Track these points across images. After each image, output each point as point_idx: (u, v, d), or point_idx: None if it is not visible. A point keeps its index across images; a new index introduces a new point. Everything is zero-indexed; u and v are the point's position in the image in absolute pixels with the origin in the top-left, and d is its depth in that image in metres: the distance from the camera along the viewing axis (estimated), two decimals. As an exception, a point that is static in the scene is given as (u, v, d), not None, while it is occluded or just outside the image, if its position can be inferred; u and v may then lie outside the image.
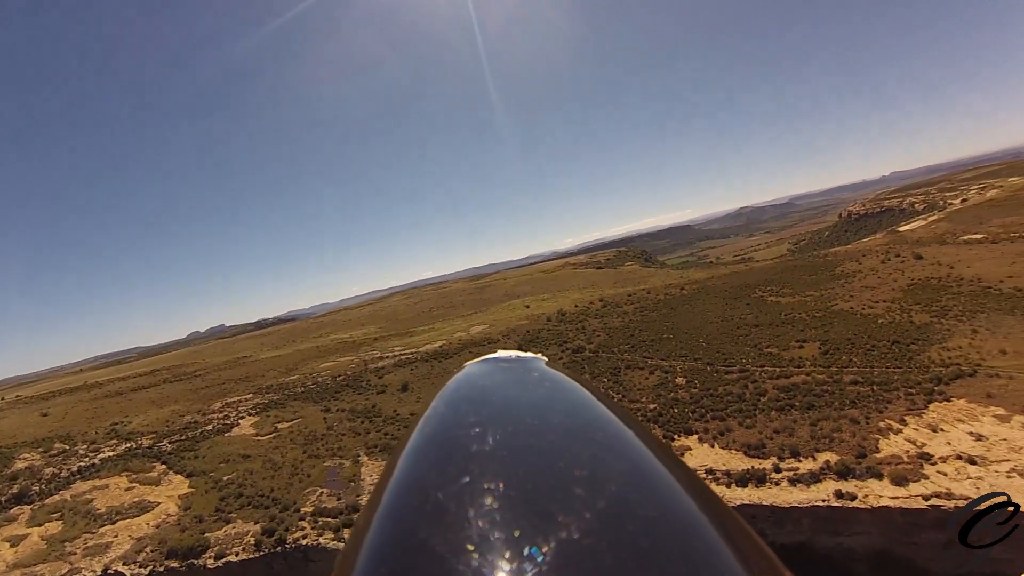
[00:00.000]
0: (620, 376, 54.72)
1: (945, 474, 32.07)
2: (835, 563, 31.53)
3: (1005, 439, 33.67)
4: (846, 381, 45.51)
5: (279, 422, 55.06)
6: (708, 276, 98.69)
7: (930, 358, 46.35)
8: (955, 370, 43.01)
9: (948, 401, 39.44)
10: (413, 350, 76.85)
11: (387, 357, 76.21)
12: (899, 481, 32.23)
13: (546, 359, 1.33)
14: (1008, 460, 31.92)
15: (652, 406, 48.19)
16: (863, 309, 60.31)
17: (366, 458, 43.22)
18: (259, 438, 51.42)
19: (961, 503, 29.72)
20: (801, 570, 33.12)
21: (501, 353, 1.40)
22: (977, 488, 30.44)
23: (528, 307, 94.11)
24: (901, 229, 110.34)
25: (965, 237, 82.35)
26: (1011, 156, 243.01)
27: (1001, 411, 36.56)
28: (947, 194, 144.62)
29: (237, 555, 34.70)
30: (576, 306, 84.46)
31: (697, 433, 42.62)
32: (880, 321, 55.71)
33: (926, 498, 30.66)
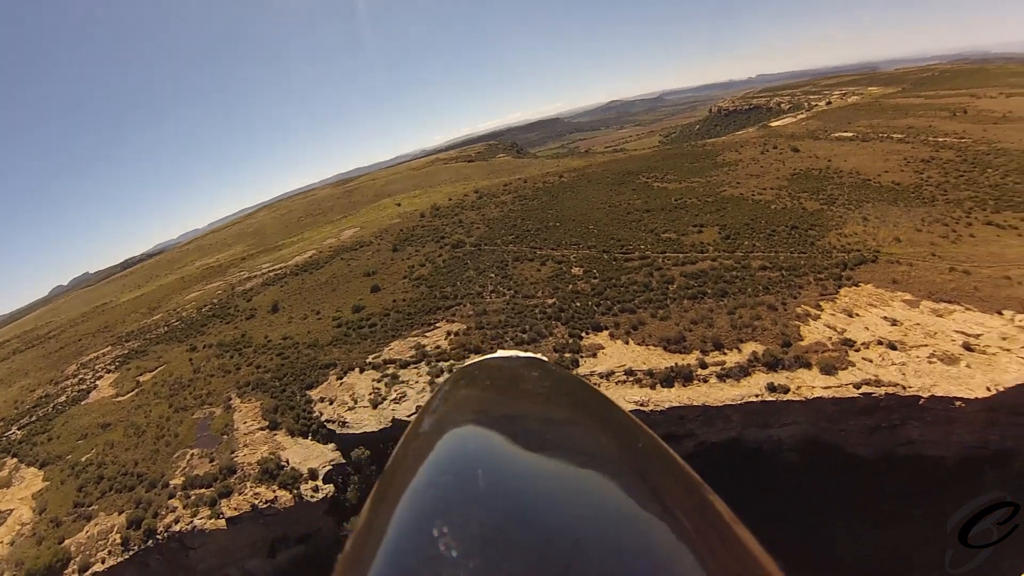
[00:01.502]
0: (509, 270, 51.52)
1: (870, 360, 32.86)
2: (764, 455, 31.42)
3: (918, 324, 35.54)
4: (755, 267, 45.72)
5: (141, 374, 51.58)
6: (586, 164, 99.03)
7: (830, 243, 48.59)
8: (857, 256, 45.20)
9: (857, 286, 41.11)
10: (282, 265, 75.24)
11: (255, 276, 74.20)
12: (828, 370, 32.31)
13: (545, 359, 1.42)
14: (926, 345, 33.59)
15: (551, 301, 44.60)
16: (753, 195, 63.37)
17: (238, 400, 40.13)
18: (119, 399, 47.67)
19: (890, 390, 30.58)
20: (730, 465, 33.64)
21: (501, 353, 1.46)
22: (903, 374, 31.55)
23: (399, 205, 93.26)
24: (773, 124, 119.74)
25: (836, 134, 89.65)
26: (867, 69, 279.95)
27: (908, 296, 38.76)
28: (811, 97, 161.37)
29: (103, 561, 29.50)
30: (450, 200, 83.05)
31: (607, 329, 39.64)
32: (773, 207, 58.71)
33: (856, 386, 31.07)
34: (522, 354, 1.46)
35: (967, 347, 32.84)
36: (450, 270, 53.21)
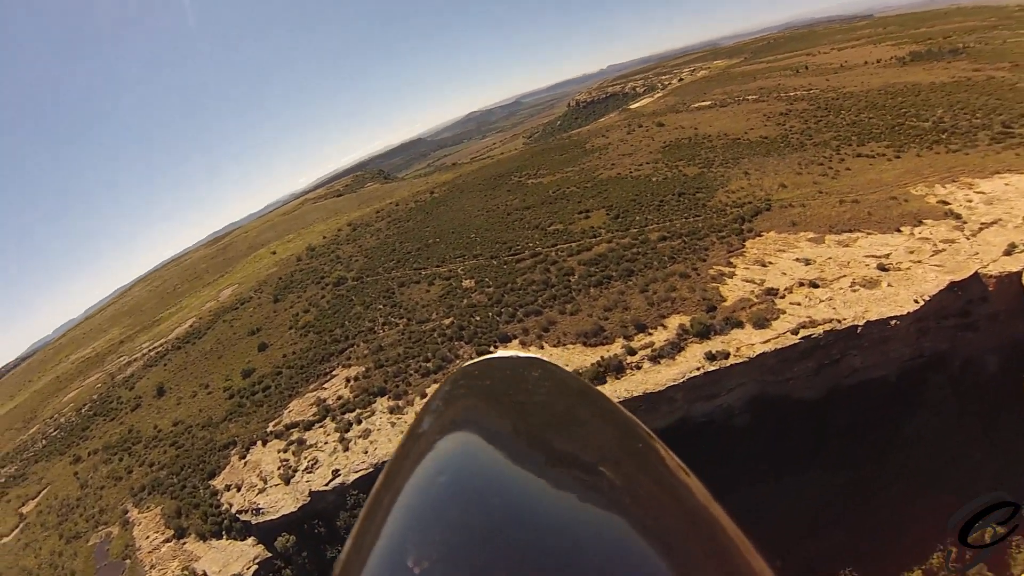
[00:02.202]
0: (396, 297, 48.29)
1: (799, 303, 31.87)
2: (717, 426, 29.34)
3: (830, 257, 35.44)
4: (654, 239, 44.60)
5: (23, 504, 46.27)
6: (455, 176, 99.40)
7: (721, 202, 48.99)
8: (751, 208, 45.52)
9: (760, 236, 40.95)
10: (162, 341, 72.23)
11: (136, 359, 70.45)
12: (761, 324, 30.82)
13: (545, 359, 1.46)
14: (844, 276, 33.30)
15: (448, 321, 41.09)
16: (631, 173, 64.50)
17: (136, 511, 36.31)
18: (3, 541, 42.44)
19: (827, 327, 29.59)
20: (682, 446, 31.22)
21: (501, 353, 1.53)
22: (834, 309, 30.73)
23: (275, 253, 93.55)
24: (632, 107, 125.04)
25: (695, 105, 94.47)
26: (709, 46, 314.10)
27: (811, 234, 39.01)
28: (663, 77, 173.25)
29: None
30: (324, 237, 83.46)
31: (516, 337, 36.41)
32: (654, 180, 59.72)
33: (794, 332, 29.87)
34: (522, 354, 1.48)
35: (882, 268, 33.18)
36: (336, 310, 50.97)
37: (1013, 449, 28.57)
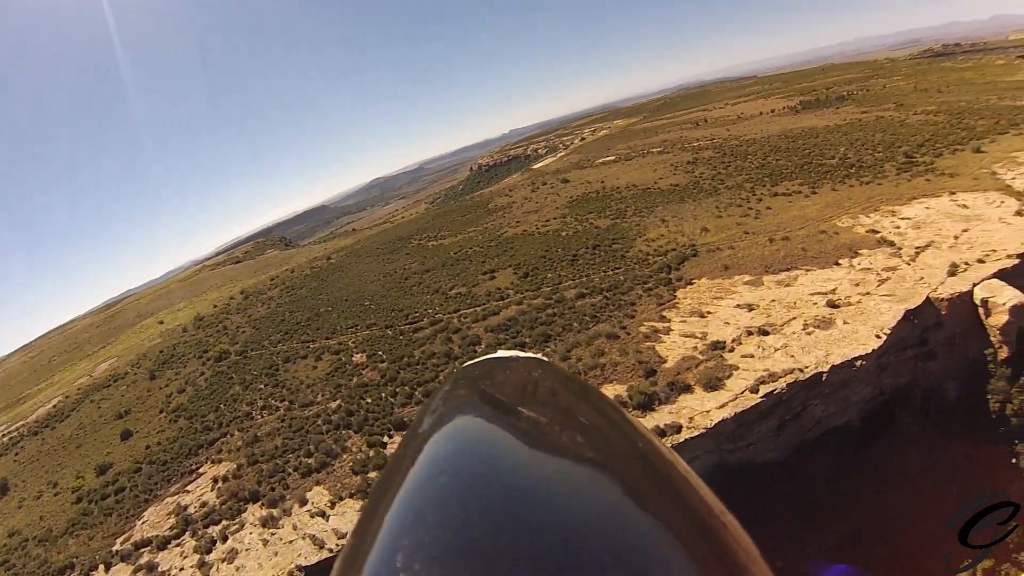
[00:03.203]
0: (280, 375, 44.68)
1: (751, 355, 28.53)
2: None
3: (774, 299, 32.96)
4: (570, 297, 41.16)
5: None
6: (354, 241, 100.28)
7: (641, 251, 46.94)
8: (676, 255, 43.31)
9: (691, 284, 38.31)
10: (21, 423, 66.75)
11: None
12: (712, 385, 27.01)
13: (546, 359, 1.54)
14: (794, 318, 30.65)
15: (335, 404, 36.39)
16: (538, 229, 63.27)
17: None
18: None
19: (788, 379, 26.27)
20: None
21: (501, 353, 1.60)
22: (792, 357, 27.59)
23: (162, 323, 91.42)
24: (536, 167, 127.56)
25: (600, 161, 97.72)
26: (608, 108, 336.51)
27: (747, 277, 36.77)
28: (565, 138, 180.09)
29: None
30: (215, 307, 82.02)
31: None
32: (564, 234, 58.27)
33: (754, 389, 26.24)
34: (522, 354, 1.54)
35: (832, 305, 31.31)
36: (213, 390, 47.73)
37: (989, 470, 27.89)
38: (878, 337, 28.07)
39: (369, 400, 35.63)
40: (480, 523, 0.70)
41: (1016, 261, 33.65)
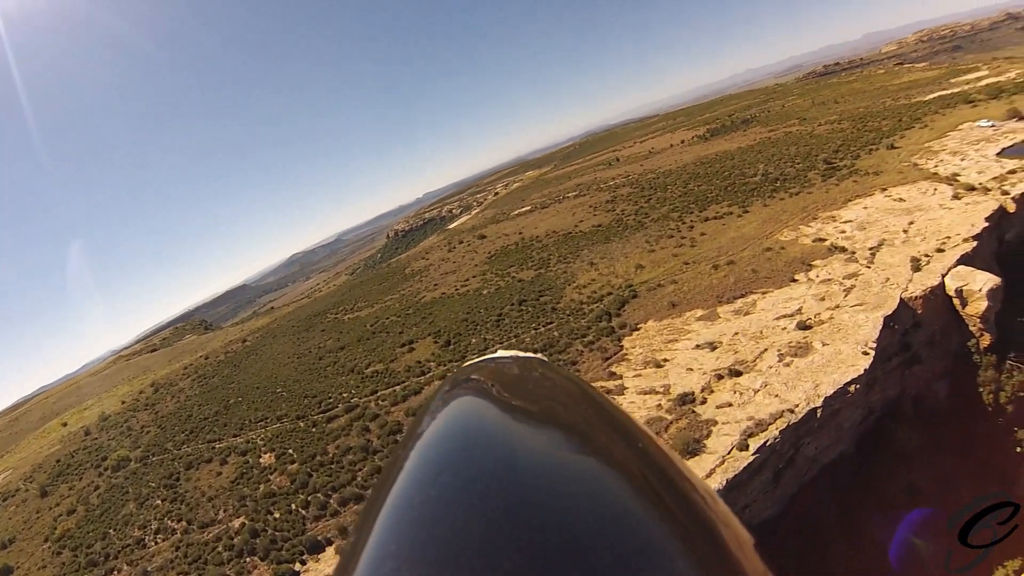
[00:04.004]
0: (180, 486, 40.48)
1: (729, 404, 24.68)
2: None
3: (737, 333, 29.69)
4: None
5: None
6: (271, 320, 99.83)
7: (574, 300, 43.77)
8: (614, 299, 39.91)
9: (637, 330, 34.65)
10: None
11: None
12: (691, 450, 22.80)
13: (546, 359, 1.57)
14: (765, 350, 27.29)
15: (238, 522, 32.42)
16: (457, 290, 61.25)
17: None
18: None
19: (780, 424, 22.36)
20: None
21: (501, 353, 1.62)
22: (777, 396, 23.87)
23: (66, 424, 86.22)
24: (451, 227, 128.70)
25: (515, 212, 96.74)
26: (517, 162, 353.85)
27: (700, 311, 33.55)
28: (478, 196, 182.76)
29: None
30: (123, 403, 78.52)
31: (331, 542, 28.21)
32: (485, 292, 56.02)
33: (742, 446, 22.10)
34: (522, 354, 1.55)
35: (804, 327, 28.46)
36: (105, 510, 43.85)
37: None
38: (866, 354, 25.44)
39: (277, 515, 32.17)
40: (481, 522, 0.72)
41: (974, 244, 33.12)
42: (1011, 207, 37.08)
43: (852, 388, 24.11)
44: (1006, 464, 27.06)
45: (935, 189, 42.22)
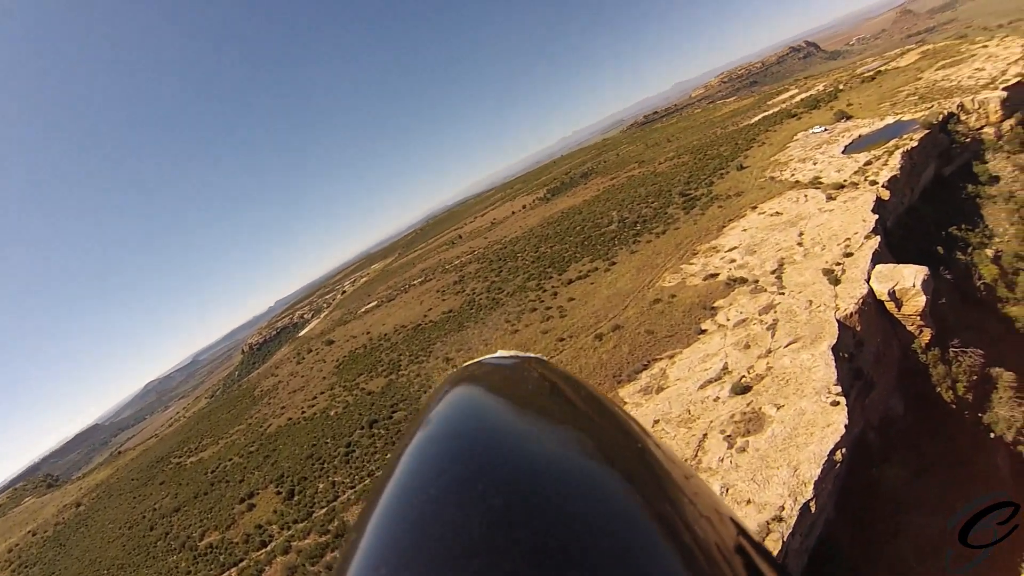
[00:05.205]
0: None
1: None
2: None
3: (654, 420, 23.71)
4: (353, 519, 28.53)
5: None
6: (113, 471, 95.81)
7: None
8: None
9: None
10: None
11: None
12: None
13: (546, 359, 1.55)
14: (704, 434, 20.68)
15: None
16: (302, 414, 58.32)
17: None
18: None
19: (774, 541, 15.37)
20: None
21: (501, 353, 1.59)
22: (751, 503, 16.92)
23: None
24: (301, 334, 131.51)
25: (363, 310, 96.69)
26: (364, 256, 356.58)
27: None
28: (328, 296, 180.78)
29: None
30: None
31: None
32: (333, 413, 52.82)
33: None
34: (522, 353, 1.54)
35: (742, 390, 22.58)
36: None
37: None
38: (835, 404, 20.58)
39: None
40: (482, 523, 0.74)
41: (877, 239, 31.07)
42: (885, 194, 36.65)
43: (839, 454, 18.85)
44: (988, 456, 26.97)
45: (805, 196, 40.59)
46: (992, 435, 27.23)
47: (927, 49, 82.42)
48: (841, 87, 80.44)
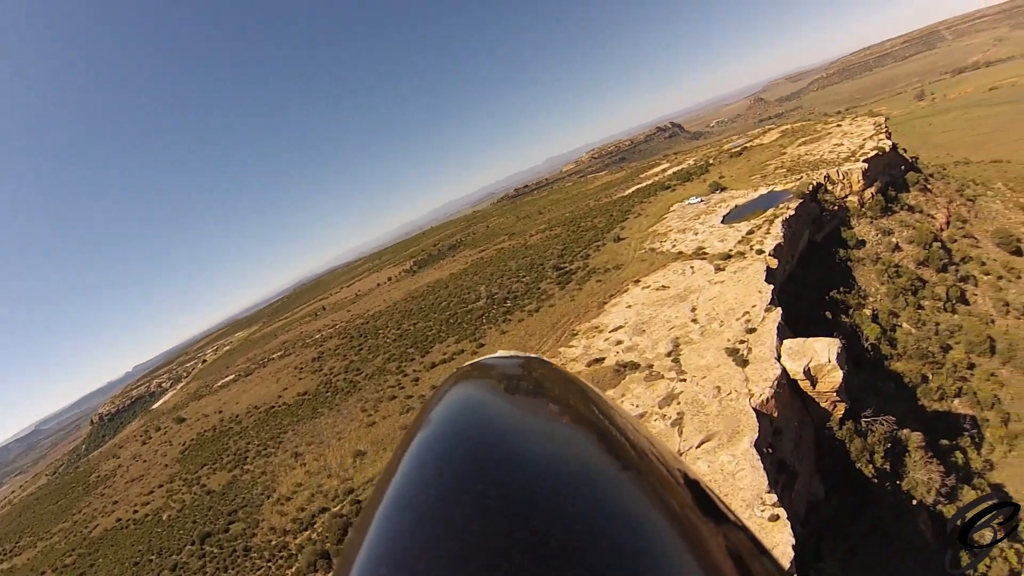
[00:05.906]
0: None
1: None
2: None
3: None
4: None
5: None
6: None
7: (275, 528, 33.14)
8: (334, 523, 26.52)
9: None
10: None
11: None
12: None
13: (546, 359, 1.55)
14: None
15: None
16: (134, 513, 51.88)
17: None
18: None
19: None
20: None
21: (501, 353, 1.60)
22: None
23: None
24: (154, 407, 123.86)
25: (219, 384, 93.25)
26: (230, 322, 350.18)
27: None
28: (188, 364, 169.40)
29: None
30: None
31: None
32: (167, 516, 46.98)
33: None
34: (523, 354, 1.56)
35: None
36: None
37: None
38: (775, 518, 17.79)
39: None
40: (483, 523, 0.74)
41: (779, 310, 29.37)
42: (773, 263, 36.03)
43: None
44: (911, 524, 26.96)
45: (692, 267, 38.68)
46: (913, 501, 27.44)
47: (786, 128, 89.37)
48: (711, 161, 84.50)
